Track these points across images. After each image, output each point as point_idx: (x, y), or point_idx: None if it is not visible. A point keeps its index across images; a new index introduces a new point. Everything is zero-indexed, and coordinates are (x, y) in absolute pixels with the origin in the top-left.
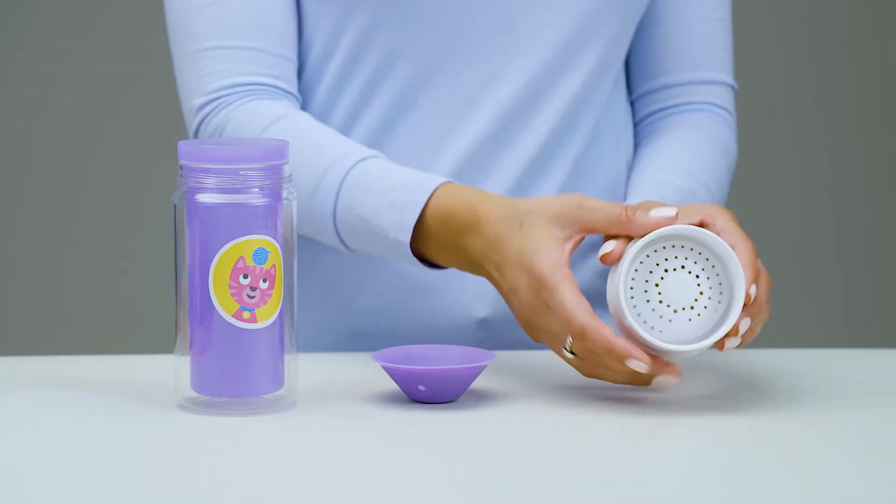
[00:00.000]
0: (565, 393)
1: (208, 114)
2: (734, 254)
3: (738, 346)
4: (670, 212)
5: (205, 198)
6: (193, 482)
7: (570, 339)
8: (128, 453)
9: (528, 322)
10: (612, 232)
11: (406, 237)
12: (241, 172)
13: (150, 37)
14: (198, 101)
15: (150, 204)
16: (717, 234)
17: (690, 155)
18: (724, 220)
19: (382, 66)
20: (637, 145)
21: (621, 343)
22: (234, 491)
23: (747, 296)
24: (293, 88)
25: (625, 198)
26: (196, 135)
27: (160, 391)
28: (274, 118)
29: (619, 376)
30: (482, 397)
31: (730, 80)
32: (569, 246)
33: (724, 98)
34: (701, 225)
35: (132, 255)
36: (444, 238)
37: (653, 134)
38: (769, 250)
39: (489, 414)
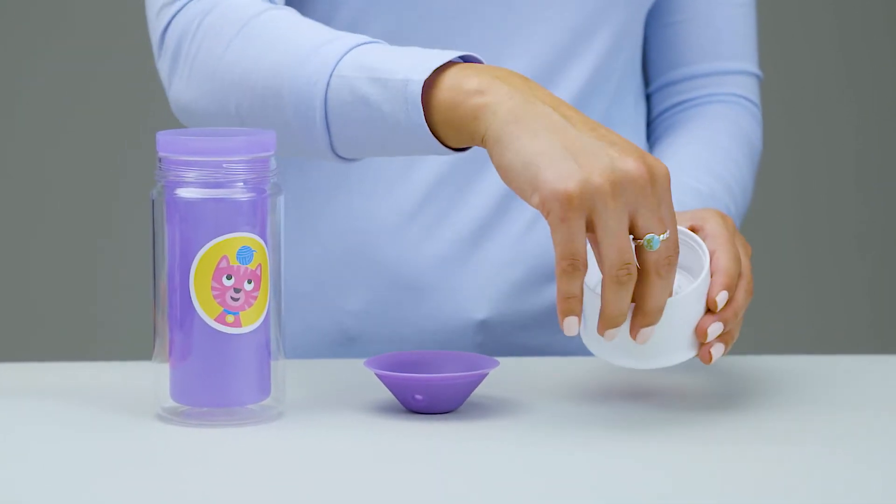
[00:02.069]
0: (571, 402)
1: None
2: (706, 254)
3: (724, 354)
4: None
5: (185, 192)
6: (173, 498)
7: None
8: (104, 467)
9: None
10: None
11: (422, 76)
12: (224, 165)
13: (128, 28)
14: None
15: (127, 200)
16: (704, 238)
17: (710, 153)
18: (713, 224)
19: None
20: (657, 139)
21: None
22: None
23: (711, 301)
24: None
25: None
26: (164, 32)
27: (138, 400)
28: (268, 5)
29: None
30: (483, 407)
31: (754, 69)
32: None
33: (749, 88)
34: (691, 230)
35: (108, 256)
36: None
37: (673, 128)
38: (793, 246)
39: (491, 425)
